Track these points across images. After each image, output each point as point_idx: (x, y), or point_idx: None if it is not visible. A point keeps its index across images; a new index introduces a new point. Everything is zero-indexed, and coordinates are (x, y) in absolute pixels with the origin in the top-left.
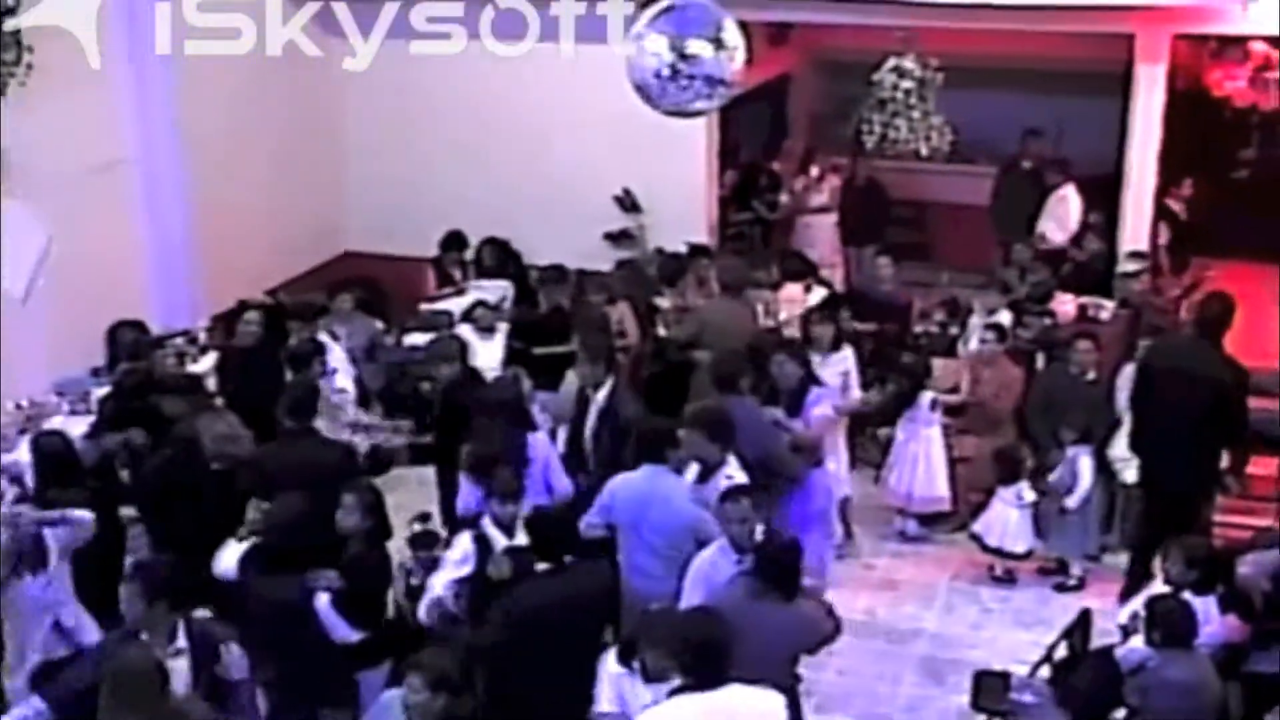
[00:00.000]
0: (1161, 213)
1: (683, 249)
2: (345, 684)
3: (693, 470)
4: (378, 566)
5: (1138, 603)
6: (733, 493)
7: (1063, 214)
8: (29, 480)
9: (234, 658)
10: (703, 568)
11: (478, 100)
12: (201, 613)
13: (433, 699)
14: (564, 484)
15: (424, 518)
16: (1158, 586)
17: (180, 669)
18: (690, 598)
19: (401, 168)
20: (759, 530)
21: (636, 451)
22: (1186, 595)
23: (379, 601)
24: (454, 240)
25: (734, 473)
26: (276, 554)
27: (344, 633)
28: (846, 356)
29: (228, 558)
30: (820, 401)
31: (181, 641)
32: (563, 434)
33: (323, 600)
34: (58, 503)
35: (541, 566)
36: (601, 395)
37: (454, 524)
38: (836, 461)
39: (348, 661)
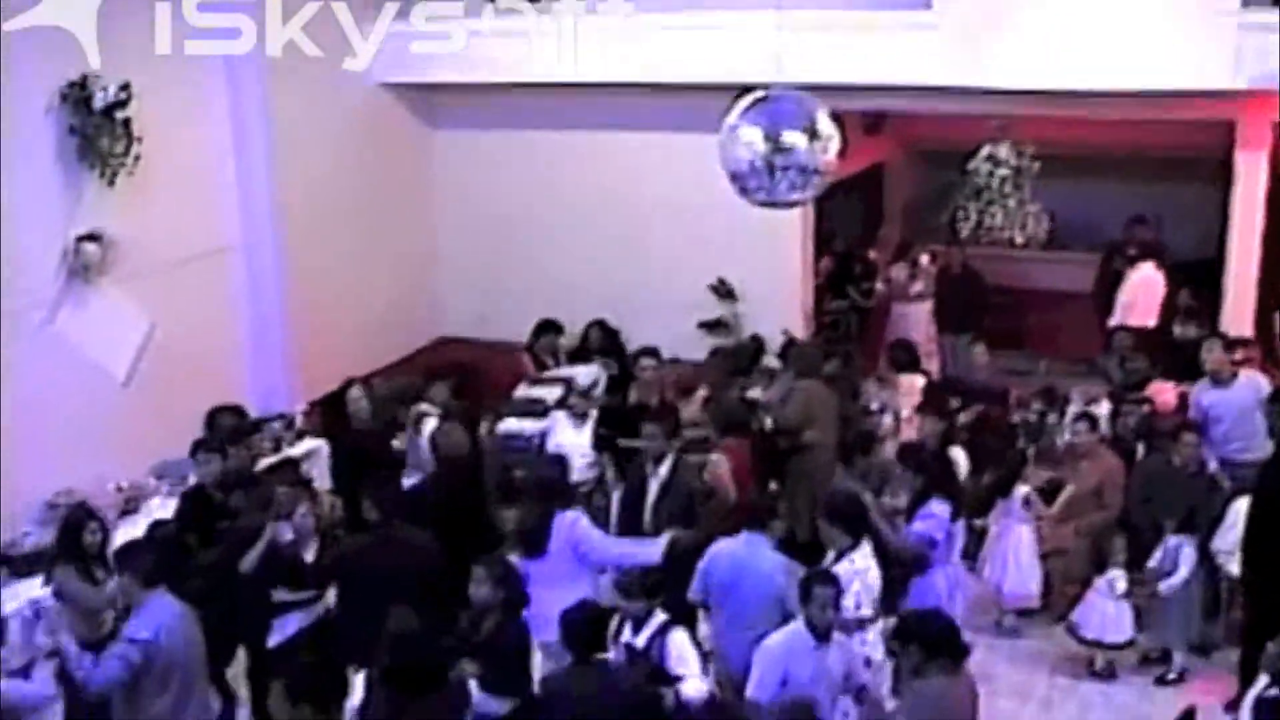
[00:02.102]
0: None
1: (779, 336)
2: None
3: (829, 557)
4: (516, 637)
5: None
6: (821, 577)
7: (1146, 293)
8: None
9: None
10: (775, 649)
11: (573, 187)
12: None
13: None
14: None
15: None
16: (1262, 683)
17: None
18: (762, 675)
19: (496, 253)
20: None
21: (739, 519)
22: None
23: (525, 667)
24: (547, 327)
25: (867, 560)
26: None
27: (495, 708)
28: (959, 460)
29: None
30: (930, 518)
31: None
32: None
33: (474, 688)
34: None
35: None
36: (664, 469)
37: None
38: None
39: None
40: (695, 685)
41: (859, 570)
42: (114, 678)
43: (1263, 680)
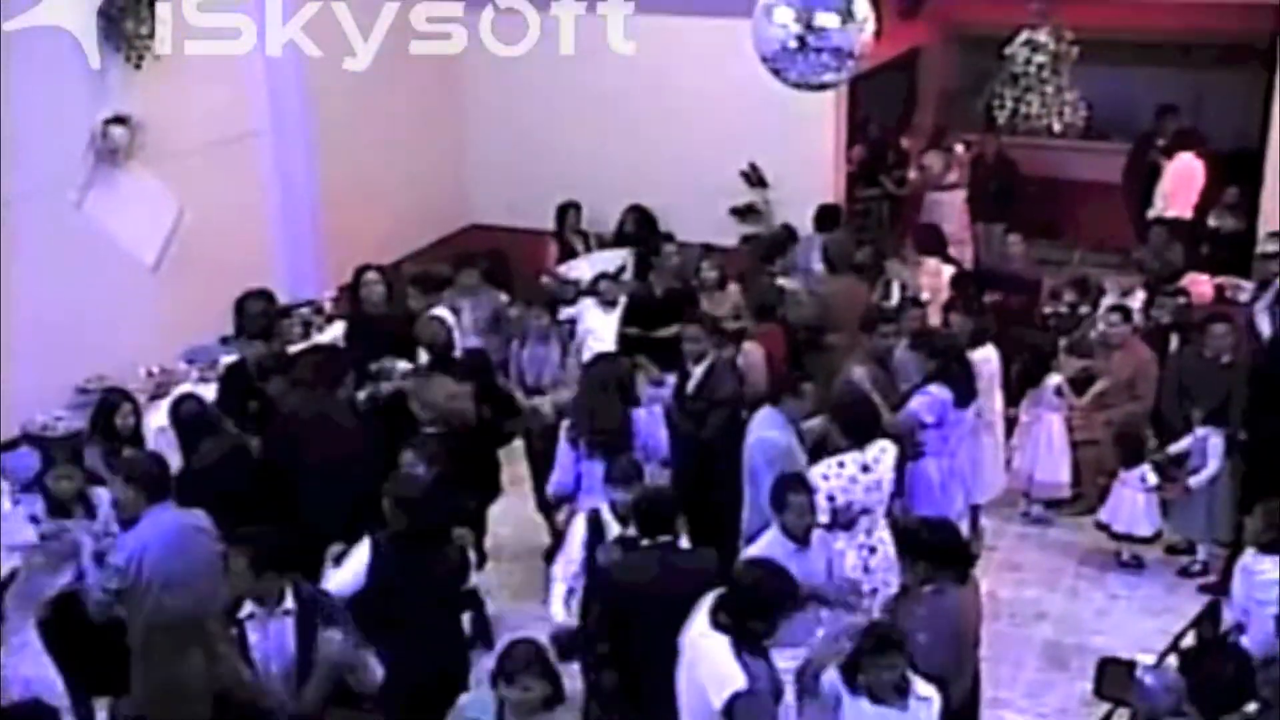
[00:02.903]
0: None
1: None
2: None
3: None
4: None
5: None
6: (794, 482)
7: (1184, 183)
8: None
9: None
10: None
11: (602, 73)
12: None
13: (541, 690)
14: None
15: None
16: (1248, 556)
17: (287, 628)
18: None
19: (526, 140)
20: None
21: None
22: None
23: None
24: (568, 208)
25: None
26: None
27: None
28: (990, 357)
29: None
30: (925, 395)
31: (289, 603)
32: None
33: None
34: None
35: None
36: (699, 370)
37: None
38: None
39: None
40: None
41: (848, 474)
42: (102, 606)
43: (1249, 553)
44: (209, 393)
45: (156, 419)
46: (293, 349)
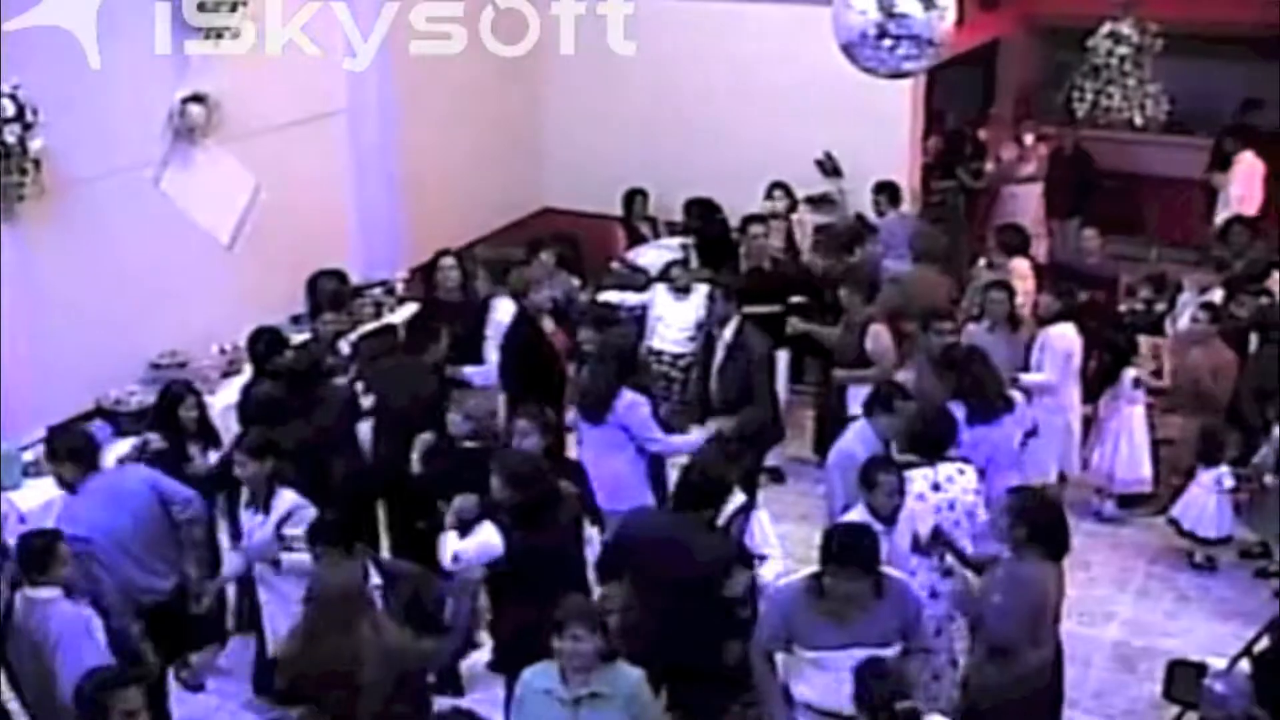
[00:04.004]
0: None
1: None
2: None
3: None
4: None
5: None
6: (883, 463)
7: (1247, 185)
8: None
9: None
10: None
11: (679, 59)
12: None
13: (594, 642)
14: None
15: None
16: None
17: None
18: None
19: (601, 125)
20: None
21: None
22: None
23: None
24: (634, 195)
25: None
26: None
27: None
28: (1068, 333)
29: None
30: None
31: (375, 579)
32: None
33: None
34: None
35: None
36: (728, 332)
37: None
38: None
39: None
40: (775, 567)
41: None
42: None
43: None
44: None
45: (224, 397)
46: (364, 328)
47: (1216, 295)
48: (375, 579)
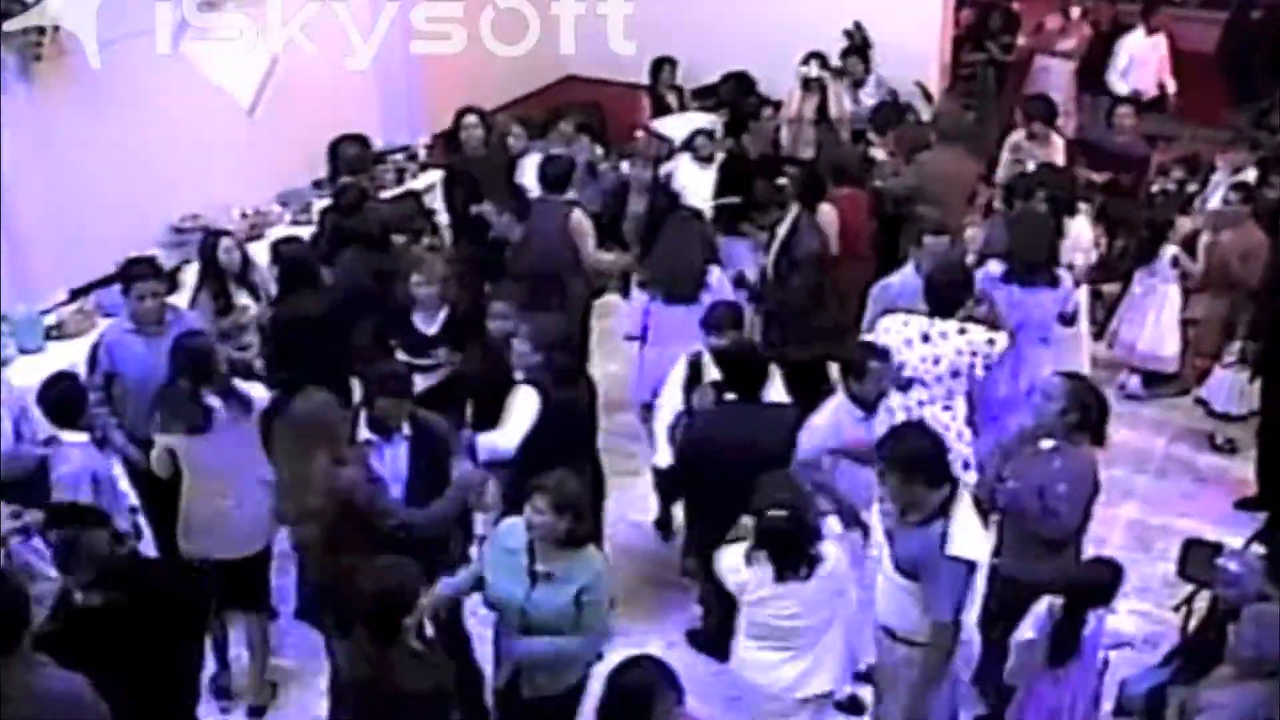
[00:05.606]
0: None
1: (912, 89)
2: None
3: None
4: None
5: None
6: (874, 349)
7: None
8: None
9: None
10: (823, 427)
11: None
12: None
13: (556, 521)
14: None
15: None
16: None
17: (401, 454)
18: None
19: None
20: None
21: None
22: None
23: None
24: (662, 63)
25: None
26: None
27: None
28: (1084, 232)
29: None
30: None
31: (406, 430)
32: None
33: None
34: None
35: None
36: (782, 229)
37: None
38: None
39: None
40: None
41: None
42: None
43: None
44: (301, 235)
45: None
46: (386, 194)
47: (1250, 175)
48: (407, 429)
